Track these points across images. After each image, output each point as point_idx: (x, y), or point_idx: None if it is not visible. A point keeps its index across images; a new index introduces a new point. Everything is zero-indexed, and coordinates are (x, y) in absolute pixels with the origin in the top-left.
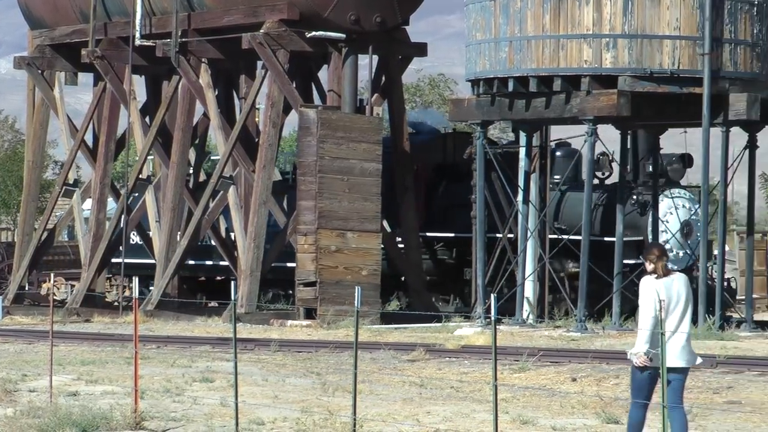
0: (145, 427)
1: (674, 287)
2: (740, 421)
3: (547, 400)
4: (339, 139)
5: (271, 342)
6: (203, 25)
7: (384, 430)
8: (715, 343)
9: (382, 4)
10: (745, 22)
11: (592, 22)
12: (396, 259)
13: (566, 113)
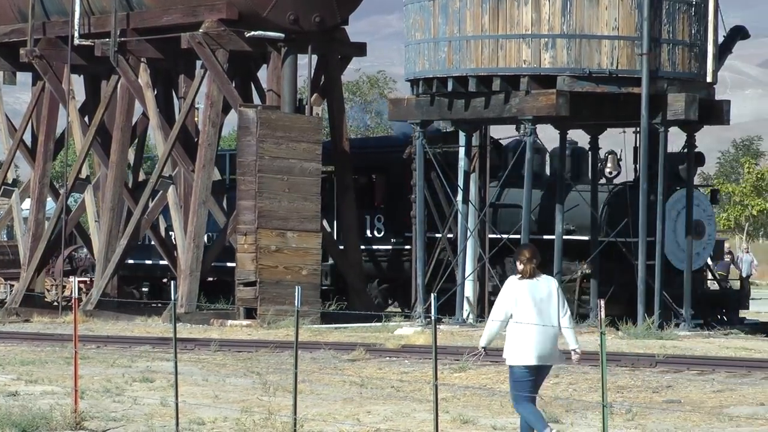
0: (85, 427)
1: (539, 288)
2: (679, 420)
3: (488, 400)
4: (278, 138)
5: (212, 342)
6: (142, 25)
7: (324, 429)
8: (654, 342)
9: (322, 4)
10: (684, 23)
11: (530, 23)
12: (336, 258)
13: (505, 113)
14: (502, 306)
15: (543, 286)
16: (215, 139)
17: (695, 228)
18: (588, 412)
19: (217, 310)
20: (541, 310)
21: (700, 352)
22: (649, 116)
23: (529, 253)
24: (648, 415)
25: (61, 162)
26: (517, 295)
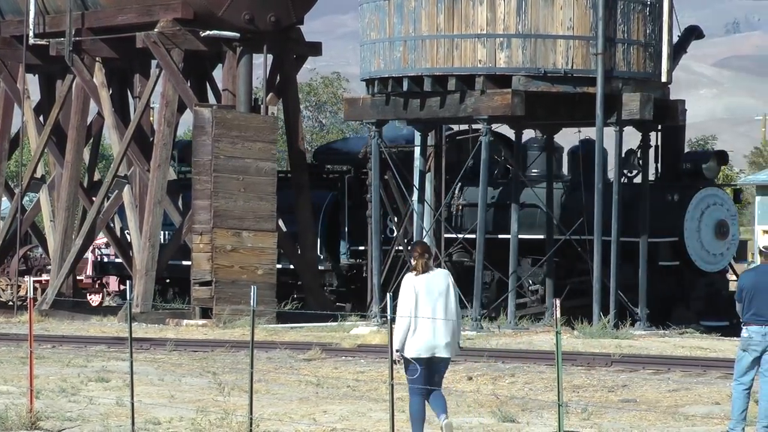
0: (40, 427)
1: (434, 282)
2: (635, 420)
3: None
4: (234, 138)
5: (167, 342)
6: (97, 24)
7: (280, 429)
8: (610, 342)
9: (277, 4)
10: (638, 23)
11: (486, 22)
12: (292, 258)
13: (461, 113)
14: (406, 304)
15: (440, 279)
16: (170, 139)
17: (720, 228)
18: (544, 412)
19: (173, 310)
20: (438, 303)
21: (655, 352)
22: (604, 116)
23: (420, 249)
24: (603, 415)
25: (16, 161)
26: (417, 290)
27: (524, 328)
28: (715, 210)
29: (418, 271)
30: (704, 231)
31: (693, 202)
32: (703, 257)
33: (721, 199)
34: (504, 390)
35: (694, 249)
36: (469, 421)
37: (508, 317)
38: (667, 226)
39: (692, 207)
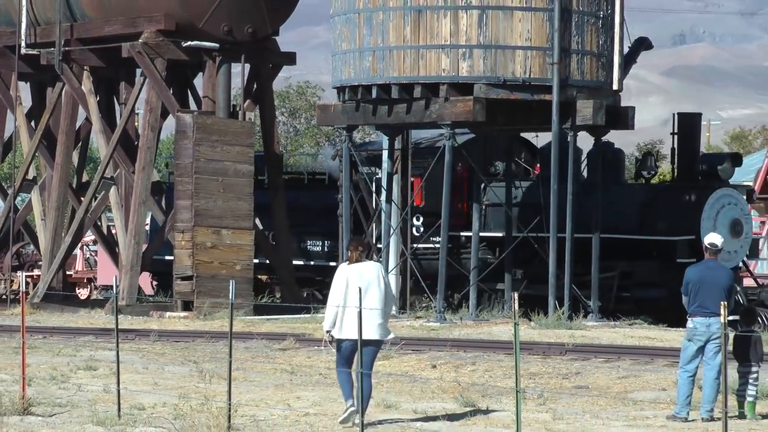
0: (32, 412)
1: (365, 272)
2: (587, 405)
3: (409, 386)
4: (214, 142)
5: (151, 332)
6: (85, 35)
7: (257, 414)
8: (564, 332)
9: (254, 16)
10: (591, 34)
11: (449, 34)
12: (268, 255)
13: (426, 118)
14: (338, 290)
15: (370, 269)
16: (154, 143)
17: (734, 227)
18: (503, 397)
19: (156, 303)
20: (368, 291)
21: (606, 341)
22: (560, 122)
23: (356, 243)
24: (558, 400)
25: (9, 164)
26: (348, 278)
27: (484, 319)
28: (730, 209)
29: (351, 261)
30: (720, 229)
31: (709, 202)
32: (722, 256)
33: (735, 199)
34: (465, 377)
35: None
36: (433, 406)
37: (469, 309)
38: (684, 225)
39: (708, 206)
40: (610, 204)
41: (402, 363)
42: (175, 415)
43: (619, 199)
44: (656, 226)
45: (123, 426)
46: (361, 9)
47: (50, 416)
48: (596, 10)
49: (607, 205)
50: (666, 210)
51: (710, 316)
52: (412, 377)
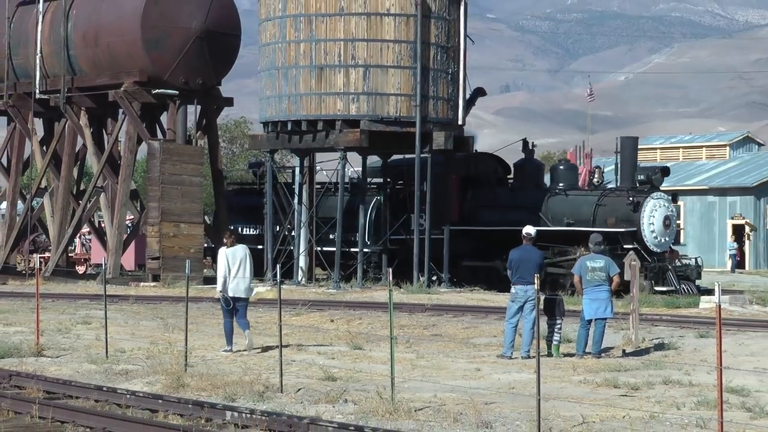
0: (44, 354)
1: (237, 253)
2: (441, 347)
3: (315, 334)
4: (175, 161)
5: (130, 297)
6: (82, 84)
7: (206, 355)
8: (424, 296)
9: (203, 72)
10: (443, 85)
11: (342, 84)
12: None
13: (326, 145)
14: (222, 265)
15: (240, 251)
16: (132, 162)
17: (665, 221)
18: (381, 342)
19: (133, 275)
20: (240, 265)
21: (454, 302)
22: (421, 147)
23: (229, 233)
24: (420, 344)
25: (27, 177)
26: (227, 257)
27: (368, 287)
28: (663, 209)
29: (228, 245)
30: (656, 224)
31: (647, 203)
32: (654, 242)
33: (666, 201)
34: (355, 328)
35: (648, 237)
36: (332, 348)
37: (357, 281)
38: (629, 221)
39: (647, 207)
40: (571, 204)
41: (309, 318)
42: (147, 356)
43: (579, 200)
44: (599, 221)
45: (110, 364)
46: (279, 66)
47: (57, 357)
48: (446, 68)
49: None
50: (613, 209)
51: (527, 284)
52: (317, 328)
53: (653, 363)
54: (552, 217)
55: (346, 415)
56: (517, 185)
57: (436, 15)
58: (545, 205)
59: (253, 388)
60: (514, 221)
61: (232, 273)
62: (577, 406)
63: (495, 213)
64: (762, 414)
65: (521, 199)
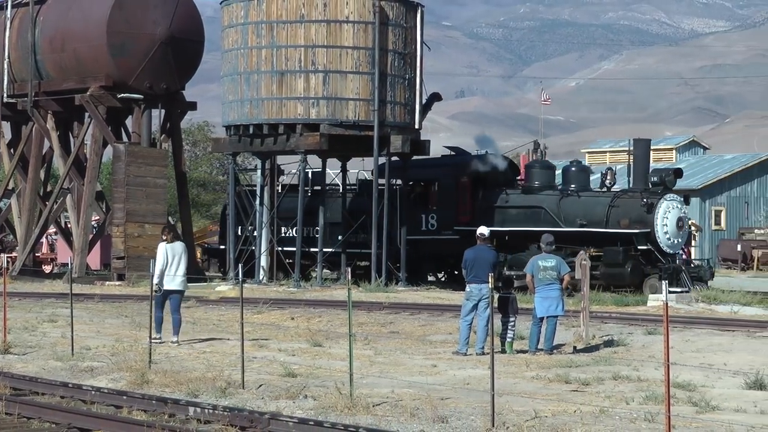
0: (11, 352)
1: (175, 249)
2: (398, 344)
3: (276, 332)
4: (139, 163)
5: (95, 295)
6: (49, 89)
7: (170, 352)
8: (382, 294)
9: (167, 76)
10: (400, 90)
11: (303, 89)
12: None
13: (287, 147)
14: (161, 259)
15: (178, 247)
16: (98, 164)
17: (678, 223)
18: (340, 339)
19: (99, 274)
20: (177, 260)
21: (411, 301)
22: (379, 150)
23: (168, 230)
24: (378, 341)
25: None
26: (165, 252)
27: (327, 285)
28: (676, 211)
29: (167, 241)
30: (669, 225)
31: (661, 205)
32: (668, 243)
33: (679, 202)
34: (315, 325)
35: (661, 238)
36: (292, 345)
37: (317, 279)
38: (642, 222)
39: (661, 208)
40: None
41: (270, 316)
42: (112, 353)
43: (590, 202)
44: (612, 222)
45: (75, 361)
46: (242, 72)
47: (23, 354)
48: (404, 73)
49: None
50: (626, 210)
51: (481, 283)
52: (278, 326)
53: (603, 359)
54: (564, 218)
55: (306, 410)
56: (528, 186)
57: (394, 22)
58: (558, 206)
59: (216, 384)
60: (526, 222)
61: (170, 267)
62: (530, 401)
63: (507, 214)
64: (708, 408)
65: (533, 200)
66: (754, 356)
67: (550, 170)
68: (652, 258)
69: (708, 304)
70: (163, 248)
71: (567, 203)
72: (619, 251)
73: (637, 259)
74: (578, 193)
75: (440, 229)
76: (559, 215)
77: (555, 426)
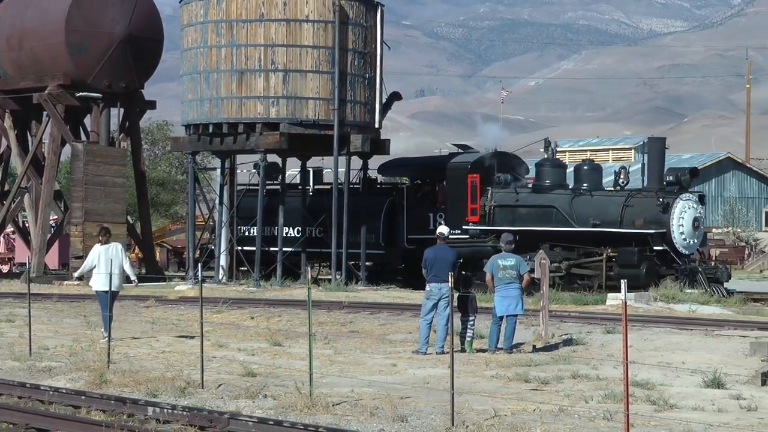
0: None
1: (110, 249)
2: (358, 343)
3: (235, 331)
4: (98, 162)
5: (53, 295)
6: (6, 87)
7: (129, 352)
8: (342, 294)
9: (126, 75)
10: (360, 89)
11: (263, 88)
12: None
13: (247, 147)
14: (92, 258)
15: (114, 247)
16: (56, 164)
17: (694, 223)
18: (300, 339)
19: (57, 274)
20: (111, 261)
21: (371, 300)
22: (339, 149)
23: (103, 231)
24: (338, 340)
25: None
26: (100, 253)
27: (287, 285)
28: (691, 210)
29: (102, 242)
30: (685, 225)
31: (677, 204)
32: (683, 244)
33: (695, 202)
34: (274, 325)
35: (677, 238)
36: (252, 345)
37: (277, 279)
38: (658, 222)
39: (677, 208)
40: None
41: (230, 316)
42: (70, 353)
43: (605, 201)
44: (626, 221)
45: (33, 361)
46: (201, 71)
47: None
48: (364, 72)
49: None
50: (641, 210)
51: (441, 282)
52: (237, 325)
53: (562, 358)
54: (577, 218)
55: (265, 410)
56: (539, 185)
57: (354, 22)
58: (570, 205)
59: (175, 384)
60: (537, 222)
61: (101, 268)
62: (490, 400)
63: (517, 213)
64: (666, 406)
65: (544, 199)
66: (712, 355)
67: (561, 169)
68: (667, 259)
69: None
70: (97, 249)
71: (579, 202)
72: (634, 252)
73: (652, 260)
74: (591, 193)
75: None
76: (572, 215)
77: (514, 425)
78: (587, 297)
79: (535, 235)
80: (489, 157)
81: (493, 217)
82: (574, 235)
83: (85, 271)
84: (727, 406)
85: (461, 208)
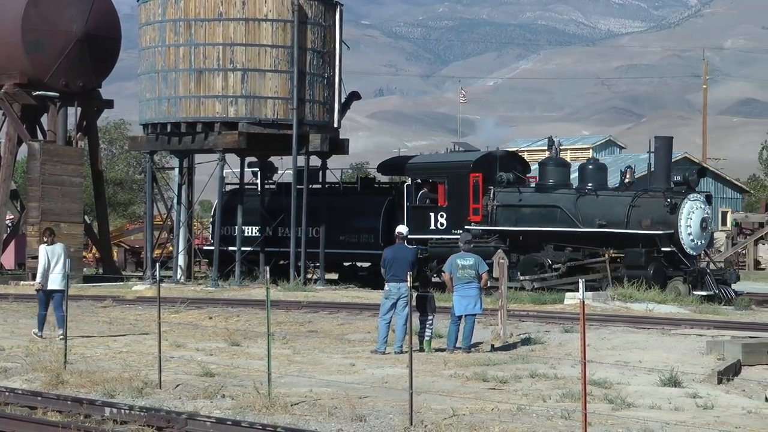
0: None
1: (56, 250)
2: (317, 343)
3: (193, 331)
4: (55, 162)
5: (9, 296)
6: None
7: (86, 352)
8: (301, 293)
9: (83, 74)
10: (319, 89)
11: (221, 87)
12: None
13: (205, 146)
14: (43, 261)
15: (58, 248)
16: (12, 163)
17: (702, 224)
18: (258, 339)
19: (13, 274)
20: (57, 261)
21: (330, 300)
22: (298, 149)
23: (48, 232)
24: (297, 340)
25: None
26: (47, 252)
27: (246, 285)
28: (699, 211)
29: (47, 243)
30: (693, 226)
31: (685, 205)
32: (691, 245)
33: (703, 203)
34: (233, 325)
35: (685, 239)
36: (210, 345)
37: (235, 279)
38: (665, 223)
39: (684, 208)
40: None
41: (188, 316)
42: (26, 353)
43: (610, 201)
44: (632, 222)
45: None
46: (159, 70)
47: None
48: (322, 72)
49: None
50: (648, 210)
51: (400, 282)
52: (195, 325)
53: (521, 357)
54: (582, 218)
55: (223, 410)
56: (543, 185)
57: (313, 21)
58: (575, 205)
59: (132, 384)
60: (541, 222)
61: (55, 268)
62: (448, 399)
63: (521, 213)
64: (623, 405)
65: (548, 198)
66: (669, 353)
67: (565, 168)
68: (674, 260)
69: (624, 303)
70: (44, 250)
71: (584, 202)
72: (642, 253)
73: (659, 261)
74: (596, 192)
75: (450, 227)
76: (577, 215)
77: (473, 424)
78: (545, 296)
79: (539, 236)
80: (491, 156)
81: (496, 217)
82: (580, 236)
83: (44, 276)
84: (683, 404)
85: (463, 208)
